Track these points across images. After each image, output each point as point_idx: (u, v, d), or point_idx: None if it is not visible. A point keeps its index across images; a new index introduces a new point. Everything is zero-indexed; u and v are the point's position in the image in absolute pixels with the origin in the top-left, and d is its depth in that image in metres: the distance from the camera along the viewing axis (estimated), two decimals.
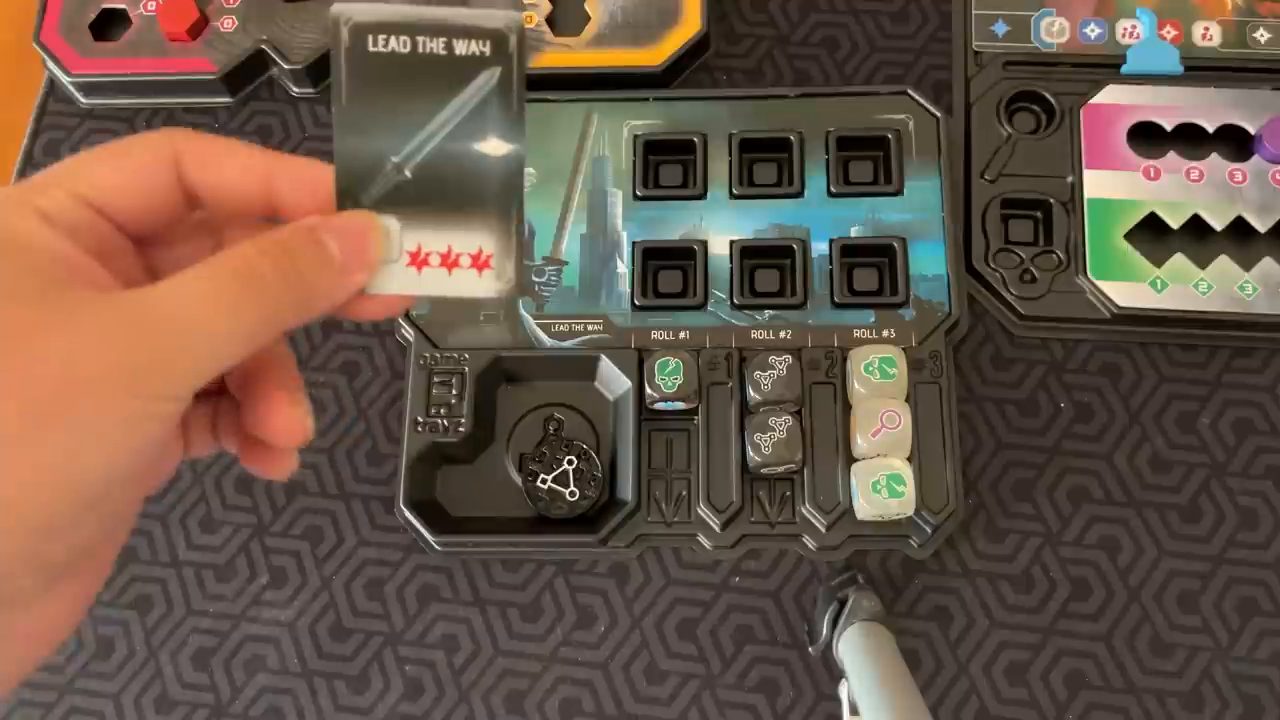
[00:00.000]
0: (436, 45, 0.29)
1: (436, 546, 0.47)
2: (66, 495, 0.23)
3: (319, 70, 0.55)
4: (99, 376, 0.23)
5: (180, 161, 0.27)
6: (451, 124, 0.29)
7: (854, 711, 0.39)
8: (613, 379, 0.49)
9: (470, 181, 0.30)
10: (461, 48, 0.29)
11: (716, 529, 0.47)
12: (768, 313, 0.49)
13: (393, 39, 0.29)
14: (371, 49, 0.28)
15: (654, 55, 0.54)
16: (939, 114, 0.51)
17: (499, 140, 0.29)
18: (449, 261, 0.30)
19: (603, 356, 0.48)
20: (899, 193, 0.50)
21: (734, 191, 0.51)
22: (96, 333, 0.23)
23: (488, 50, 0.29)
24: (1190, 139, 0.51)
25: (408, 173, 0.29)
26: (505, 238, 0.30)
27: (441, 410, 0.48)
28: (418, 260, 0.29)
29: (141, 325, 0.24)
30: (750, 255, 0.50)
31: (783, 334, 0.49)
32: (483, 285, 0.30)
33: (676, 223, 0.51)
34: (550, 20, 0.55)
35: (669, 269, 0.50)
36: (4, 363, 0.22)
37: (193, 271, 0.25)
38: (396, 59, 0.29)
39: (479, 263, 0.30)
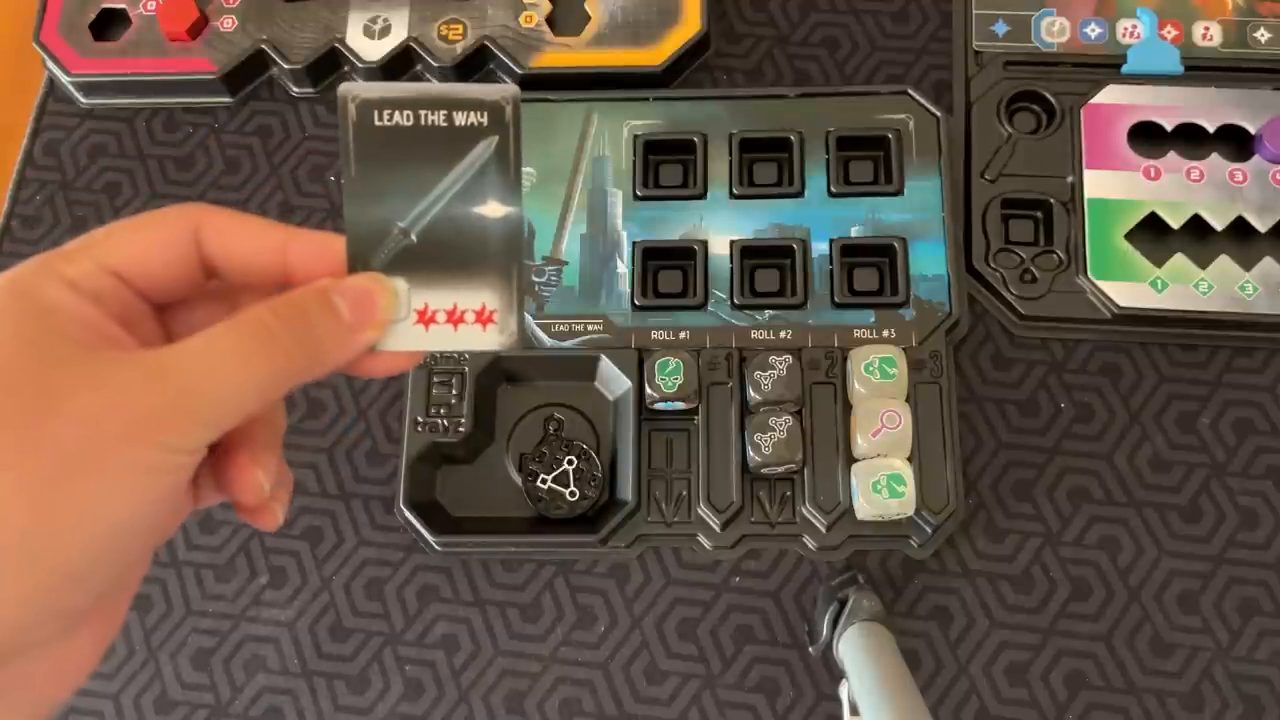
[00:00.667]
0: (437, 118, 0.31)
1: (436, 546, 0.47)
2: (91, 545, 0.25)
3: (319, 70, 0.55)
4: (123, 431, 0.25)
5: (200, 234, 0.29)
6: (453, 190, 0.31)
7: (854, 711, 0.39)
8: (613, 379, 0.49)
9: (472, 243, 0.32)
10: (461, 119, 0.31)
11: (716, 529, 0.47)
12: (768, 313, 0.49)
13: (396, 113, 0.31)
14: (377, 123, 0.31)
15: (654, 55, 0.54)
16: (939, 114, 0.51)
17: (498, 203, 0.32)
18: (455, 318, 0.32)
19: (603, 356, 0.48)
20: (899, 193, 0.50)
21: (734, 191, 0.51)
22: (120, 389, 0.25)
23: (485, 121, 0.31)
24: (1190, 139, 0.51)
25: (414, 237, 0.31)
26: (507, 293, 0.32)
27: (441, 410, 0.48)
28: (425, 318, 0.32)
29: (161, 381, 0.26)
30: (750, 255, 0.50)
31: (783, 334, 0.49)
32: (487, 339, 0.32)
33: (676, 223, 0.51)
34: (550, 20, 0.55)
35: (669, 269, 0.50)
36: (35, 420, 0.24)
37: (210, 331, 0.27)
38: (401, 131, 0.31)
39: (483, 318, 0.32)
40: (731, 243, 0.50)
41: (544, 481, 0.47)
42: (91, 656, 0.27)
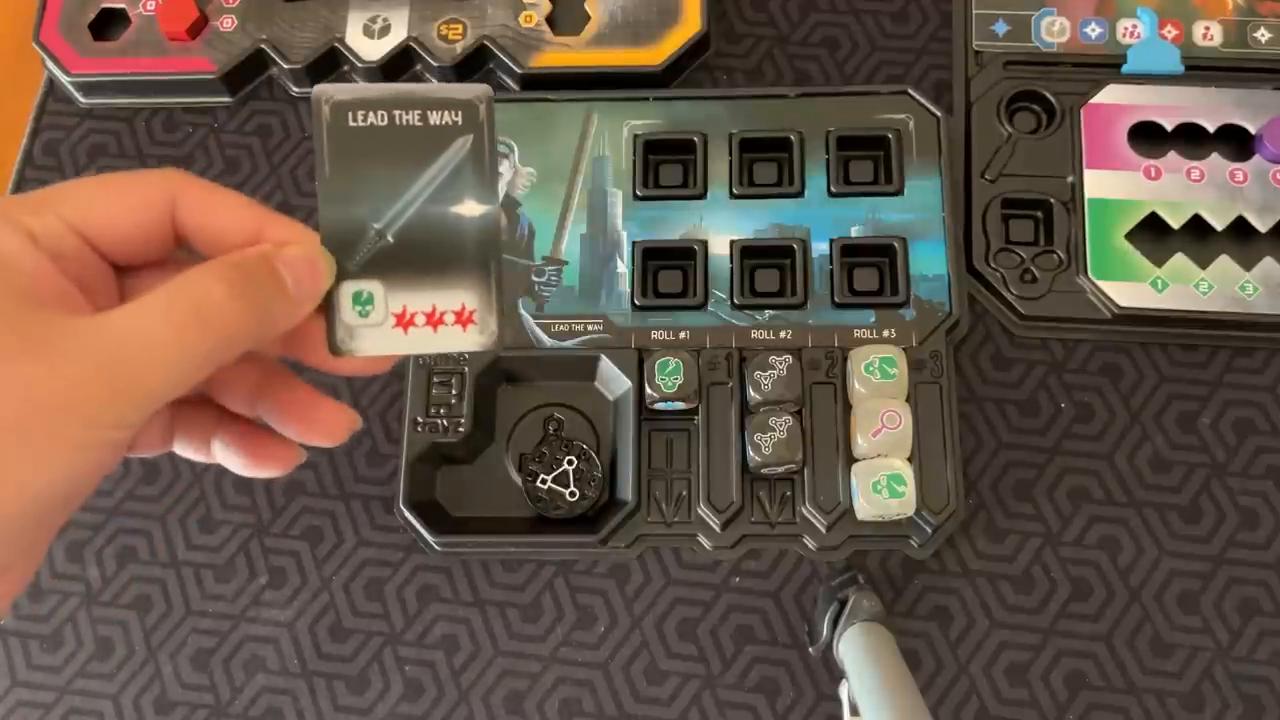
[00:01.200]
0: (412, 118, 0.31)
1: (436, 546, 0.47)
2: (12, 512, 0.25)
3: (318, 70, 0.55)
4: (57, 405, 0.25)
5: (177, 202, 0.29)
6: (429, 190, 0.31)
7: (854, 712, 0.39)
8: (613, 379, 0.49)
9: (449, 243, 0.31)
10: (435, 118, 0.31)
11: (716, 529, 0.47)
12: (768, 313, 0.49)
13: (371, 114, 0.30)
14: (351, 124, 0.30)
15: (654, 55, 0.54)
16: (939, 114, 0.51)
17: (474, 202, 0.31)
18: (434, 320, 0.31)
19: (603, 356, 0.48)
20: (899, 193, 0.50)
21: (734, 191, 0.51)
22: (56, 359, 0.25)
23: (460, 119, 0.31)
24: (1191, 139, 0.51)
25: (390, 238, 0.31)
26: (486, 293, 0.32)
27: (441, 410, 0.48)
28: (404, 321, 0.31)
29: (99, 357, 0.25)
30: (750, 255, 0.50)
31: (783, 334, 0.49)
32: (468, 340, 0.32)
33: (676, 223, 0.51)
34: (550, 20, 0.55)
35: (669, 269, 0.50)
36: None
37: (150, 299, 0.26)
38: (376, 132, 0.31)
39: (462, 319, 0.32)
40: (731, 243, 0.50)
41: (544, 481, 0.47)
42: (2, 604, 0.27)
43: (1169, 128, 0.51)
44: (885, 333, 0.48)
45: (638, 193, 0.51)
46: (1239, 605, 0.46)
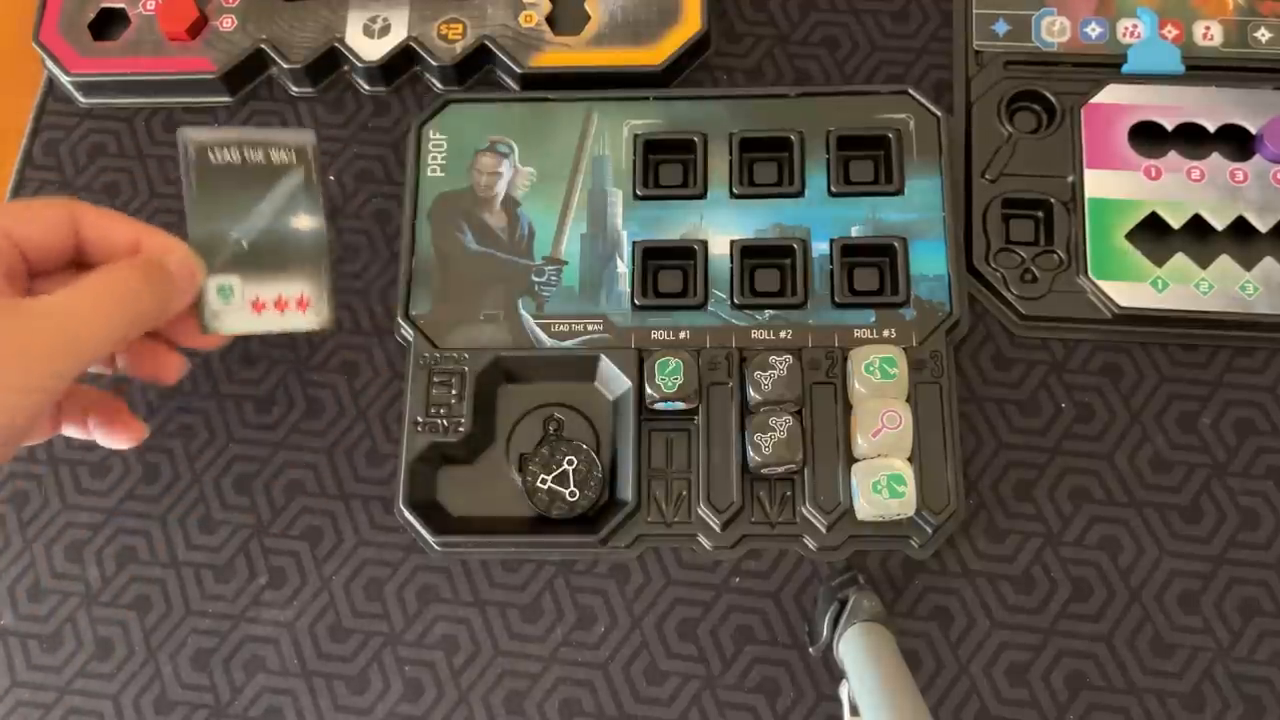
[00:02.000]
0: (258, 155, 0.42)
1: (436, 547, 0.47)
2: None
3: (318, 70, 0.55)
4: (10, 353, 0.34)
5: (78, 223, 0.40)
6: (272, 208, 0.42)
7: (854, 712, 0.39)
8: (613, 379, 0.49)
9: (289, 248, 0.43)
10: (276, 157, 0.43)
11: (716, 529, 0.47)
12: (768, 313, 0.49)
13: (226, 151, 0.42)
14: (212, 160, 0.42)
15: (654, 54, 0.54)
16: (940, 113, 0.51)
17: (307, 217, 0.43)
18: (280, 305, 0.43)
19: (603, 356, 0.48)
20: (899, 192, 0.50)
21: (734, 191, 0.51)
22: (11, 325, 0.35)
23: (293, 159, 0.43)
24: (1191, 139, 0.51)
25: (245, 244, 0.42)
26: (318, 285, 0.43)
27: (441, 410, 0.48)
28: (257, 306, 0.43)
29: (46, 324, 0.35)
30: (750, 255, 0.50)
31: (783, 334, 0.49)
32: (305, 320, 0.43)
33: (676, 222, 0.51)
34: (550, 20, 0.55)
35: (669, 269, 0.50)
36: None
37: (83, 285, 0.37)
38: (232, 166, 0.42)
39: (301, 304, 0.43)
40: (731, 242, 0.50)
41: (544, 481, 0.47)
42: None
43: (1169, 128, 0.51)
44: (885, 333, 0.48)
45: (638, 193, 0.51)
46: (1239, 605, 0.46)
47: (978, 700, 0.45)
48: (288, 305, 0.42)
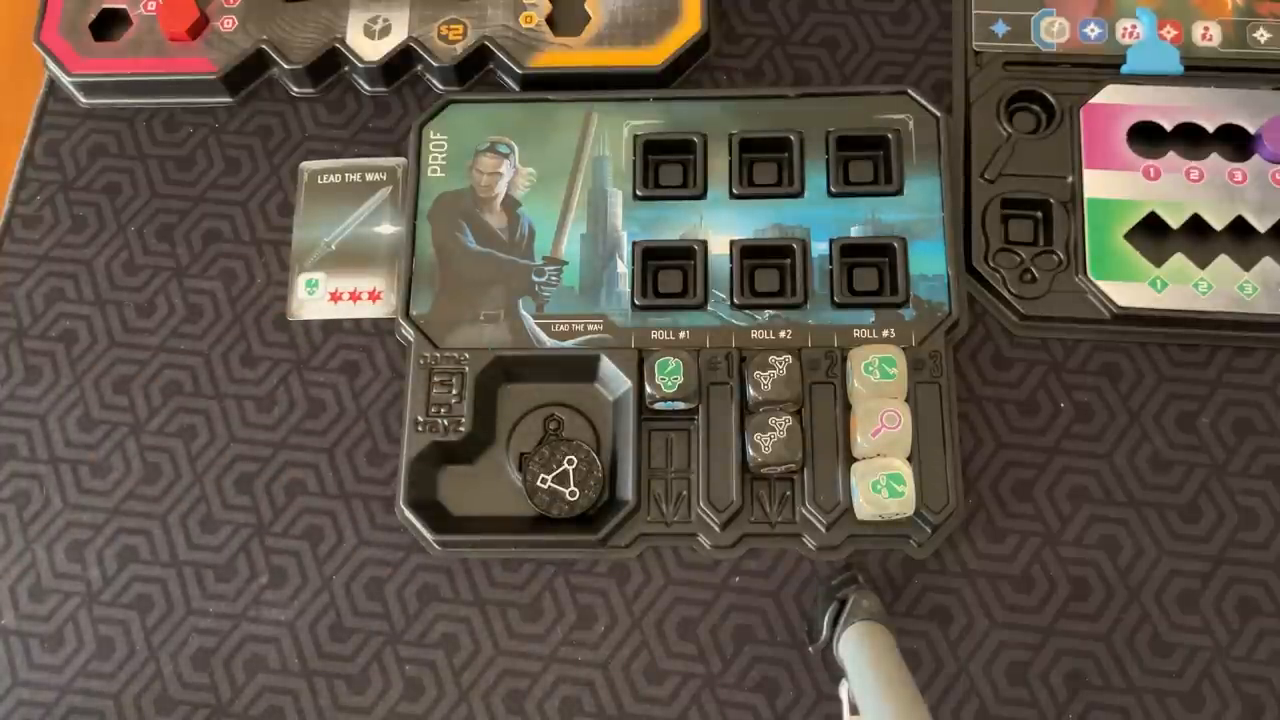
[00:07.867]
0: (356, 176, 0.53)
1: (436, 546, 0.47)
2: None
3: (319, 70, 0.55)
4: None
5: None
6: (361, 219, 0.52)
7: (854, 711, 0.39)
8: (613, 379, 0.49)
9: (369, 249, 0.52)
10: (370, 177, 0.53)
11: (716, 529, 0.47)
12: (768, 313, 0.49)
13: (331, 175, 0.53)
14: (320, 182, 0.53)
15: (654, 55, 0.54)
16: (939, 114, 0.51)
17: (389, 225, 0.52)
18: (354, 297, 0.51)
19: (603, 356, 0.48)
20: (899, 192, 0.50)
21: (734, 191, 0.51)
22: None
23: (384, 178, 0.53)
24: (1190, 139, 0.51)
25: (333, 246, 0.52)
26: (391, 280, 0.51)
27: (441, 410, 0.48)
28: (334, 297, 0.51)
29: None
30: (750, 255, 0.50)
31: (783, 334, 0.49)
32: (376, 309, 0.51)
33: (676, 223, 0.51)
34: (550, 20, 0.55)
35: (669, 269, 0.50)
36: None
37: None
38: (333, 185, 0.53)
39: (374, 297, 0.51)
40: (731, 243, 0.50)
41: (544, 481, 0.47)
42: None
43: (1168, 128, 0.51)
44: (885, 333, 0.48)
45: (638, 193, 0.51)
46: (1238, 605, 0.46)
47: (977, 699, 0.45)
48: (360, 297, 0.51)
